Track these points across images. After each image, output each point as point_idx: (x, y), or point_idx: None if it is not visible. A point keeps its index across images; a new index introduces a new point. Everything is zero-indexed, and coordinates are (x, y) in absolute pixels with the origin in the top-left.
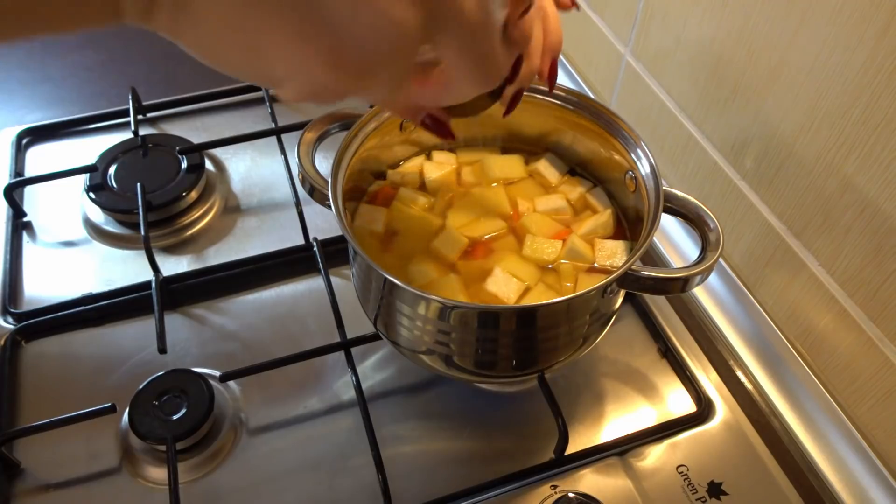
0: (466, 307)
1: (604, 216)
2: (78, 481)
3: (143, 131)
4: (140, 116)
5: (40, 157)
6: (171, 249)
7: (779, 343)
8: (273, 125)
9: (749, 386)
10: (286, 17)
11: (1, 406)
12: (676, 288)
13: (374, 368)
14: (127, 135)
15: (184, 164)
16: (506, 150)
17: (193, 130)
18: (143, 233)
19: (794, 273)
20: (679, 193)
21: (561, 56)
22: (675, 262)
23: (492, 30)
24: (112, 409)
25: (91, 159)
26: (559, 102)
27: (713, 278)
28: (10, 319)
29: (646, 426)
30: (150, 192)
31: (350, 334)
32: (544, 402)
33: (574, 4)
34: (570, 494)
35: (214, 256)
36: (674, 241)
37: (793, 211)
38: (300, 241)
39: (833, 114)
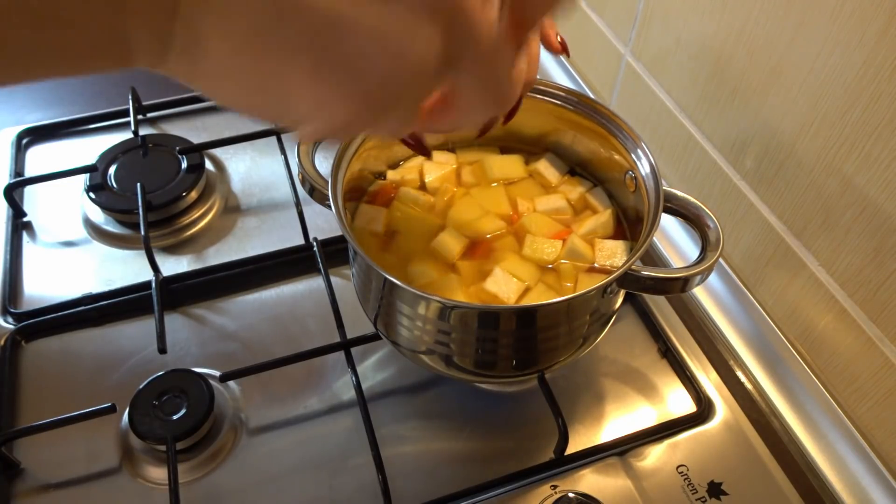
0: (466, 307)
1: (604, 216)
2: (78, 481)
3: (143, 131)
4: (140, 116)
5: (40, 157)
6: (171, 249)
7: (779, 343)
8: (273, 125)
9: (749, 386)
10: (303, 57)
11: (1, 406)
12: (676, 288)
13: (374, 368)
14: (127, 135)
15: (184, 164)
16: (505, 150)
17: (193, 130)
18: (143, 233)
19: (794, 273)
20: (679, 193)
21: (561, 56)
22: (675, 262)
23: (505, 55)
24: (112, 409)
25: (91, 159)
26: (559, 102)
27: (713, 278)
28: (10, 319)
29: (646, 426)
30: (150, 192)
31: (350, 334)
32: (544, 402)
33: (564, 51)
34: (570, 494)
35: (214, 256)
36: (674, 241)
37: (793, 211)
38: (300, 241)
39: (833, 114)
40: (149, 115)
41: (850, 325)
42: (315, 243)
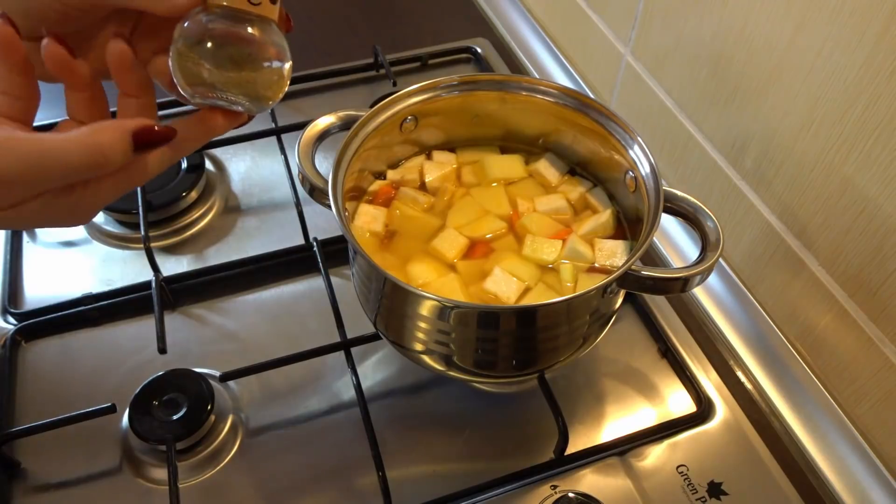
0: (466, 307)
1: (604, 216)
2: (78, 481)
3: None
4: None
5: None
6: (171, 249)
7: (779, 343)
8: (273, 125)
9: (749, 386)
10: None
11: (1, 406)
12: (676, 288)
13: (374, 368)
14: None
15: (184, 164)
16: (505, 150)
17: None
18: (143, 233)
19: (794, 273)
20: (679, 193)
21: (561, 56)
22: (675, 262)
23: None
24: (112, 409)
25: None
26: (559, 102)
27: (713, 278)
28: (11, 319)
29: (646, 426)
30: (150, 192)
31: (350, 334)
32: (544, 402)
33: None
34: (570, 494)
35: (214, 256)
36: (674, 241)
37: (793, 211)
38: (300, 241)
39: (833, 114)
40: None
41: (850, 326)
42: (315, 243)
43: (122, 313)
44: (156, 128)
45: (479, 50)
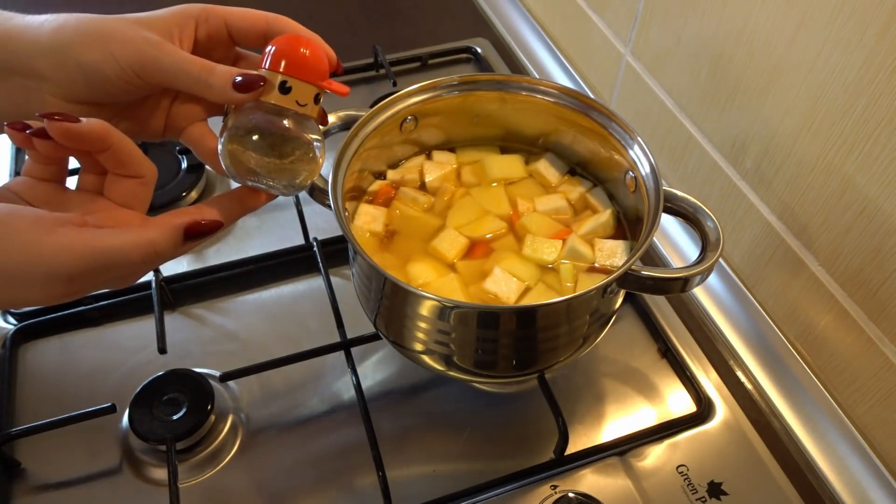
0: (466, 307)
1: (604, 216)
2: (78, 481)
3: None
4: None
5: None
6: None
7: (779, 343)
8: None
9: (749, 386)
10: None
11: (1, 406)
12: (676, 288)
13: (374, 368)
14: None
15: (184, 164)
16: (505, 150)
17: None
18: None
19: (794, 273)
20: (679, 193)
21: (561, 56)
22: (675, 262)
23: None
24: (112, 409)
25: None
26: (559, 102)
27: (713, 278)
28: (11, 319)
29: (646, 426)
30: None
31: (350, 334)
32: (544, 402)
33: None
34: (570, 494)
35: (214, 256)
36: (674, 241)
37: (793, 211)
38: (300, 241)
39: (833, 114)
40: None
41: (850, 325)
42: (315, 243)
43: (122, 313)
44: (202, 222)
45: (479, 50)
